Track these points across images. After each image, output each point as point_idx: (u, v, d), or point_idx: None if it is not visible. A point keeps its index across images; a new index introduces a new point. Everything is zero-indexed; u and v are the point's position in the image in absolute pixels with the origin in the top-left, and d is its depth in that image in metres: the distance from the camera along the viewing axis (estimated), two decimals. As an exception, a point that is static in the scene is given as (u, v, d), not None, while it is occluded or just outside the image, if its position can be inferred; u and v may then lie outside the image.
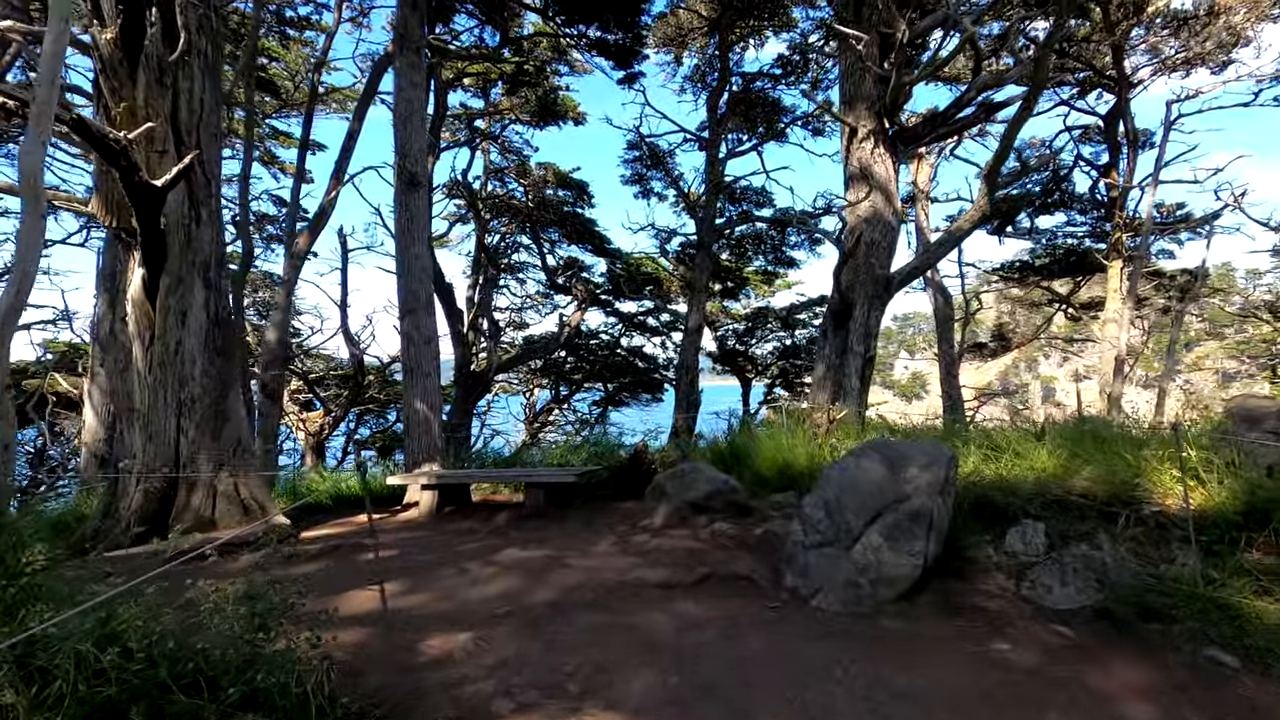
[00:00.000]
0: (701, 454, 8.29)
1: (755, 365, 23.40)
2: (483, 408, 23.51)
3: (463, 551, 5.18)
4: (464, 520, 6.83)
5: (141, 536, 6.33)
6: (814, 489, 4.65)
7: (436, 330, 8.60)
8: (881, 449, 4.56)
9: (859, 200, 7.72)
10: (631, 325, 24.84)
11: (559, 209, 21.14)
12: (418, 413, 8.24)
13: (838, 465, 4.65)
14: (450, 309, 15.19)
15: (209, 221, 6.65)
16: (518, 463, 8.72)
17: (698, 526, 5.39)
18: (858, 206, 7.67)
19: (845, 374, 7.95)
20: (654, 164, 18.42)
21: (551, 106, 20.42)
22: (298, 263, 10.28)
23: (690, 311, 15.87)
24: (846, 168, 8.30)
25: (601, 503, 7.61)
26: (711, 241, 15.97)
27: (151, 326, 6.49)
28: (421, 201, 8.51)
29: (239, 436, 6.83)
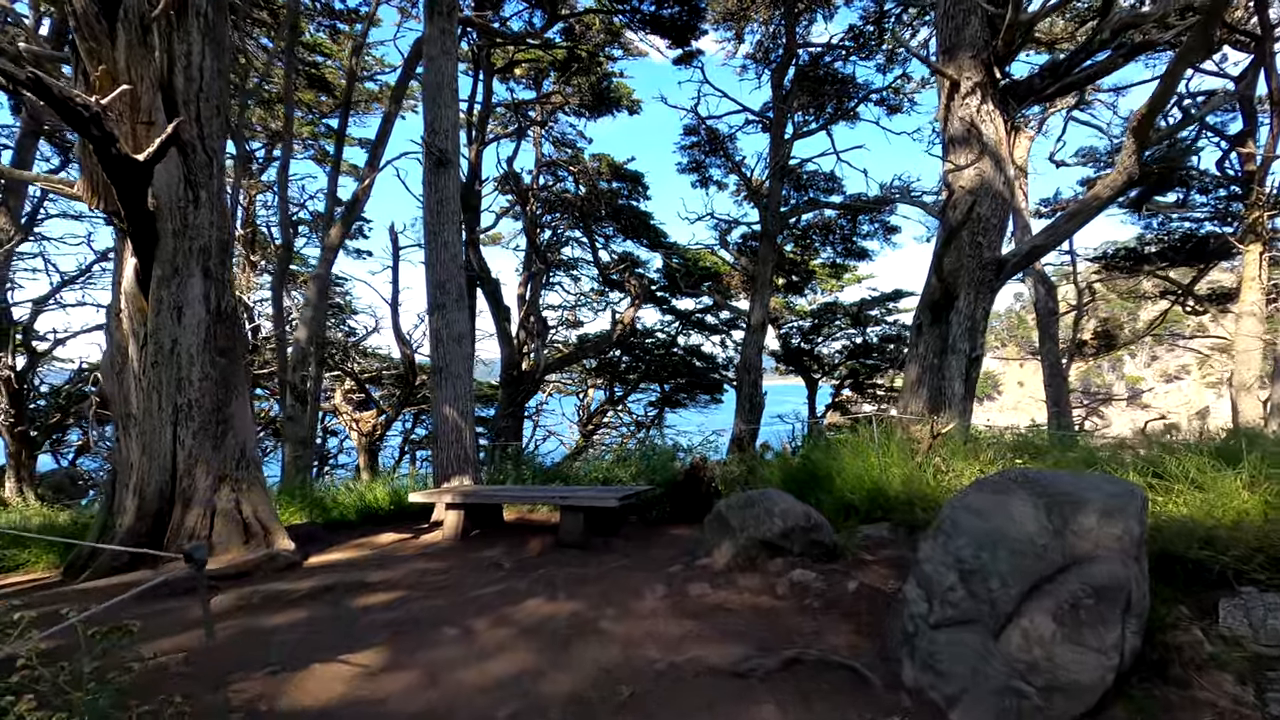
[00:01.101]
0: (769, 468, 7.08)
1: (822, 365, 21.86)
2: (533, 408, 22.84)
3: (476, 599, 4.16)
4: (490, 547, 5.85)
5: (134, 560, 5.60)
6: (933, 535, 3.41)
7: (469, 327, 7.68)
8: (1031, 483, 3.28)
9: (964, 167, 6.35)
10: (689, 323, 23.69)
11: (613, 202, 20.19)
12: (446, 419, 7.33)
13: (966, 504, 3.39)
14: (496, 305, 14.40)
15: (209, 204, 5.88)
16: (559, 477, 7.72)
17: (771, 573, 4.21)
18: (961, 175, 6.30)
19: (945, 378, 6.59)
20: (713, 150, 17.20)
21: (605, 94, 19.48)
22: (330, 255, 9.62)
23: (753, 307, 14.59)
24: (946, 130, 6.93)
25: (651, 528, 6.52)
26: (776, 231, 14.65)
27: (146, 323, 5.77)
28: (452, 183, 7.61)
29: (243, 447, 6.05)
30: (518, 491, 6.21)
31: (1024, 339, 56.50)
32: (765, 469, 7.04)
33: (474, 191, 16.29)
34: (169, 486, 5.78)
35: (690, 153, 17.62)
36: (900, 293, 19.49)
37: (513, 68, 18.87)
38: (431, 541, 6.33)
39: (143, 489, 5.77)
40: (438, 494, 6.40)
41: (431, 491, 6.53)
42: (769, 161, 14.43)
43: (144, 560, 5.61)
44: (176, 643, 3.56)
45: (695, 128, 16.95)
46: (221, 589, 4.68)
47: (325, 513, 7.90)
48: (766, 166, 14.82)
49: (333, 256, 9.78)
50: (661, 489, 7.06)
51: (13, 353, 17.19)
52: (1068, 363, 14.61)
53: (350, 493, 8.00)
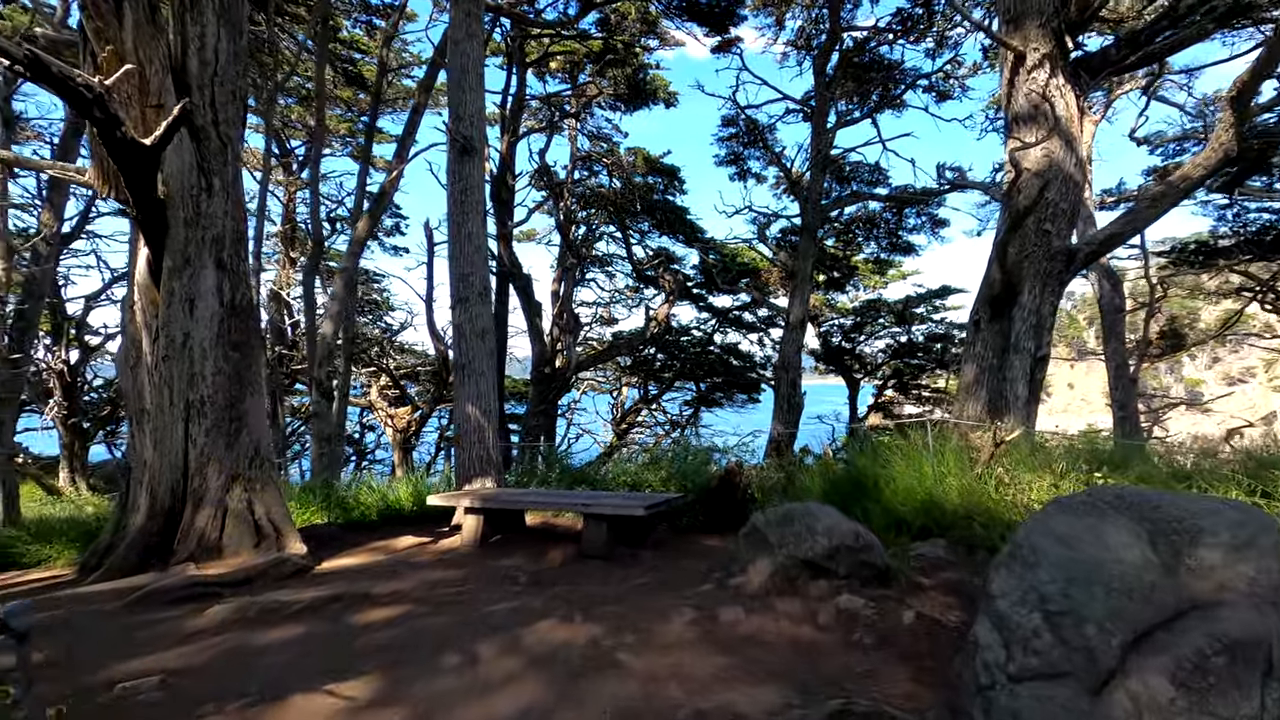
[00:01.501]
0: (809, 475, 6.57)
1: (864, 364, 21.06)
2: (566, 406, 22.56)
3: (487, 617, 3.79)
4: (509, 556, 5.50)
5: (144, 560, 5.41)
6: (1007, 563, 2.91)
7: (493, 322, 7.35)
8: (1130, 506, 2.75)
9: (1031, 145, 5.73)
10: (726, 320, 23.14)
11: (648, 197, 19.77)
12: (469, 418, 7.01)
13: (1048, 528, 2.87)
14: (528, 301, 14.12)
15: (223, 192, 5.66)
16: (585, 480, 7.34)
17: (813, 598, 3.74)
18: (1028, 154, 5.69)
19: (1007, 379, 5.99)
20: (751, 141, 16.63)
21: (641, 87, 19.07)
22: (357, 249, 9.43)
23: (792, 304, 14.01)
24: (1009, 108, 6.31)
25: (682, 537, 6.09)
26: (817, 224, 14.03)
27: (158, 315, 5.57)
28: (476, 171, 7.29)
29: (257, 445, 5.81)
30: (539, 496, 5.85)
31: (1074, 338, 54.18)
32: (805, 476, 6.54)
33: (506, 185, 16.05)
34: (181, 485, 5.58)
35: (728, 144, 17.08)
36: (948, 289, 18.62)
37: (547, 61, 18.60)
38: (449, 547, 6.01)
39: (154, 487, 5.58)
40: (457, 497, 6.08)
41: (451, 494, 6.21)
42: (810, 152, 13.82)
43: (155, 560, 5.42)
44: (159, 661, 3.27)
45: (733, 118, 16.41)
46: (224, 596, 4.42)
47: (346, 513, 7.67)
48: (807, 158, 14.20)
49: (360, 250, 9.60)
50: (693, 495, 6.62)
51: (66, 347, 17.65)
52: (1136, 364, 13.63)
53: (373, 492, 7.76)
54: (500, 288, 14.96)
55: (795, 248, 15.92)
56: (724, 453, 8.26)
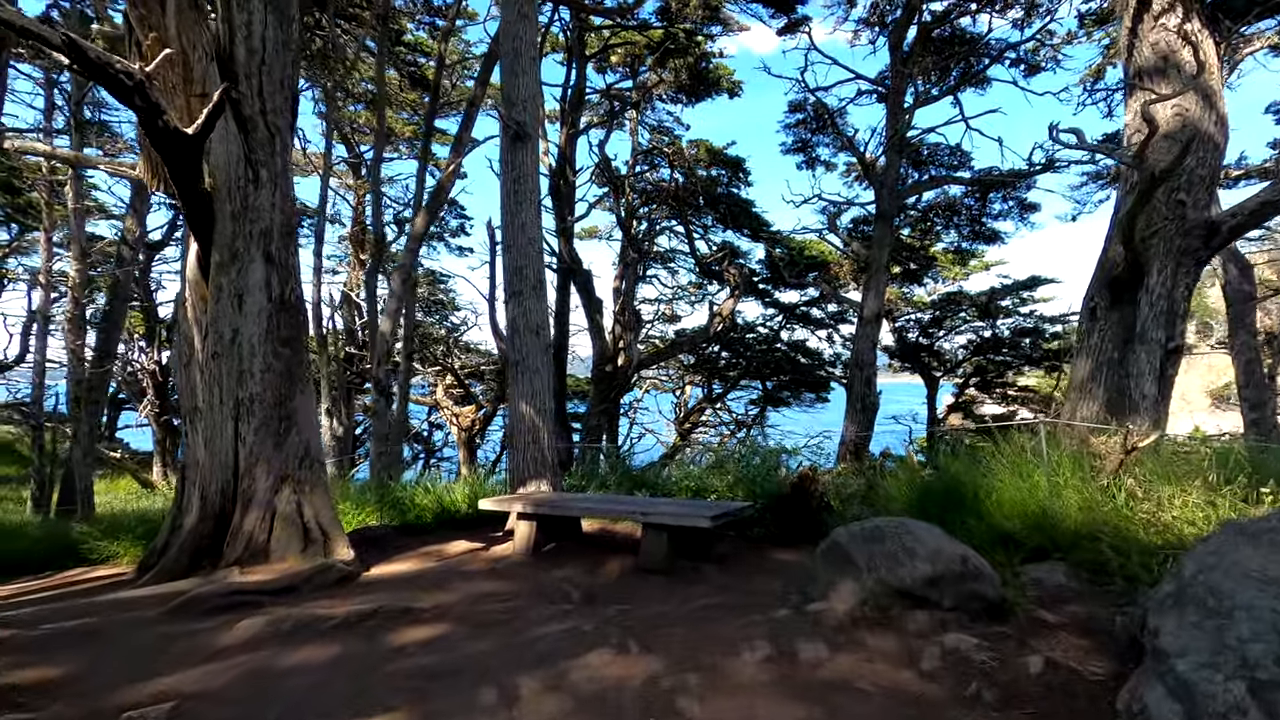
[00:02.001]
0: (893, 481, 5.90)
1: (942, 362, 19.81)
2: (629, 405, 22.21)
3: (532, 642, 3.38)
4: (562, 566, 5.09)
5: (195, 561, 5.29)
6: (1175, 607, 2.27)
7: (548, 318, 7.00)
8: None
9: (1166, 98, 4.89)
10: (793, 317, 22.29)
11: (711, 190, 19.17)
12: (523, 418, 6.67)
13: (1240, 566, 2.22)
14: (588, 298, 13.80)
15: (270, 183, 5.48)
16: (645, 484, 6.88)
17: (912, 635, 3.15)
18: (1158, 111, 4.85)
19: (1131, 374, 5.16)
20: (820, 127, 15.81)
21: (703, 76, 18.49)
22: (414, 245, 9.29)
23: (866, 297, 13.15)
24: (1132, 61, 5.46)
25: (751, 549, 5.54)
26: (893, 211, 13.12)
27: (207, 311, 5.45)
28: (530, 159, 6.94)
29: (306, 445, 5.62)
30: (594, 503, 5.42)
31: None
32: (889, 484, 5.87)
33: (566, 180, 15.81)
34: (231, 485, 5.44)
35: (795, 131, 16.31)
36: (1038, 279, 17.23)
37: (607, 54, 18.27)
38: (502, 555, 5.66)
39: (205, 488, 5.46)
40: (509, 501, 5.73)
41: (503, 498, 5.87)
42: (885, 134, 12.92)
43: (206, 562, 5.30)
44: (179, 681, 3.00)
45: (801, 103, 15.63)
46: (263, 605, 4.18)
47: (402, 514, 7.48)
48: (882, 141, 13.30)
49: (417, 246, 9.47)
50: (763, 503, 6.06)
51: (158, 348, 18.58)
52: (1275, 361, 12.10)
53: (429, 494, 7.53)
54: (561, 284, 14.71)
55: (868, 238, 15.01)
56: (792, 453, 7.64)
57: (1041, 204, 15.39)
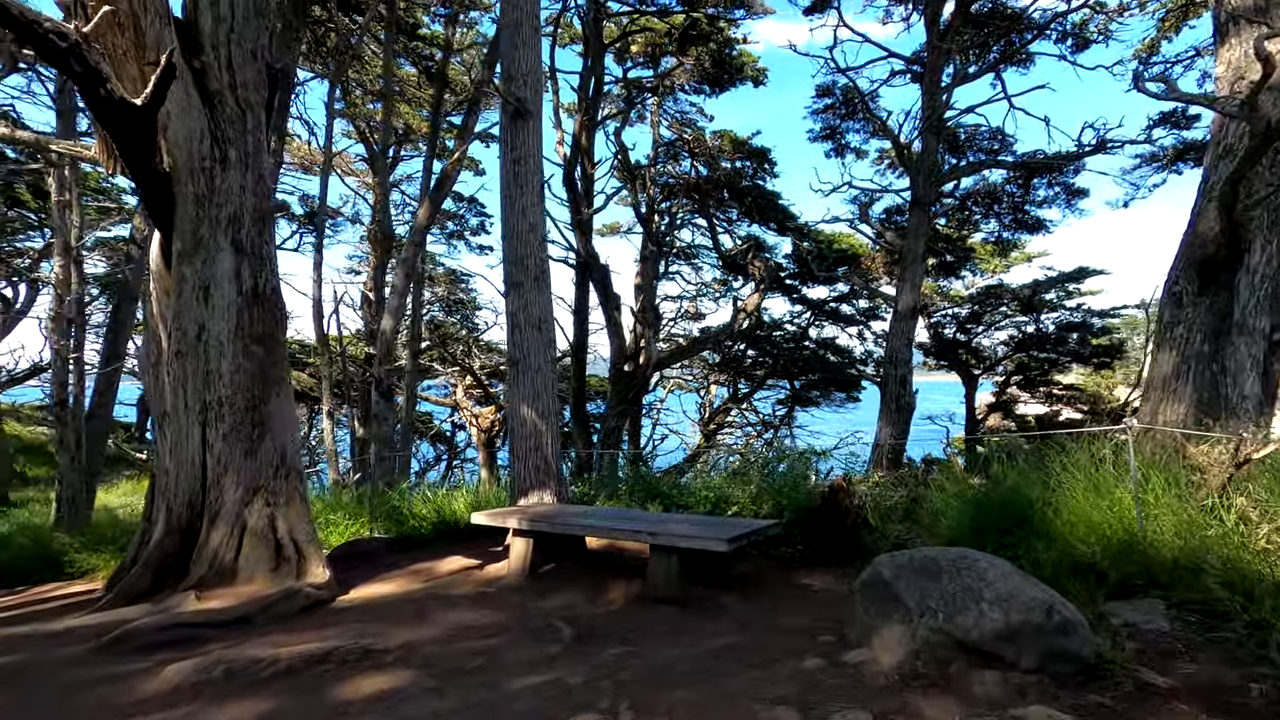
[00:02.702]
0: (940, 493, 5.16)
1: (980, 359, 18.77)
2: (650, 405, 21.55)
3: (506, 697, 2.77)
4: (560, 591, 4.48)
5: (160, 579, 4.80)
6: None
7: (551, 311, 6.39)
8: None
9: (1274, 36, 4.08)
10: (822, 313, 21.42)
11: (736, 182, 18.44)
12: (524, 421, 6.07)
13: None
14: (605, 293, 13.18)
15: (240, 164, 4.96)
16: (659, 494, 6.23)
17: (982, 704, 2.46)
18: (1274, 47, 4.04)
19: (1228, 370, 4.38)
20: (850, 111, 14.97)
21: (727, 64, 17.79)
22: (418, 238, 8.78)
23: (901, 290, 12.32)
24: (1223, 2, 4.64)
25: (777, 571, 4.86)
26: (929, 198, 12.27)
27: (170, 305, 4.96)
28: (532, 138, 6.34)
29: (283, 452, 5.09)
30: (598, 519, 4.78)
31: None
32: (936, 496, 5.13)
33: (583, 174, 15.23)
34: (199, 497, 4.93)
35: (823, 117, 15.50)
36: (1085, 271, 16.15)
37: (627, 45, 17.66)
38: (495, 576, 5.07)
39: (171, 500, 4.96)
40: (505, 515, 5.13)
41: (498, 512, 5.27)
42: (921, 115, 12.07)
43: (171, 581, 4.80)
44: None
45: (829, 87, 14.81)
46: (208, 641, 3.63)
47: (400, 525, 6.94)
48: (917, 124, 12.45)
49: (420, 239, 8.95)
50: (791, 515, 5.39)
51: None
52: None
53: (429, 503, 6.98)
54: (579, 280, 14.14)
55: (903, 228, 14.15)
56: (822, 455, 6.93)
57: (1090, 189, 14.33)
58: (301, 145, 18.95)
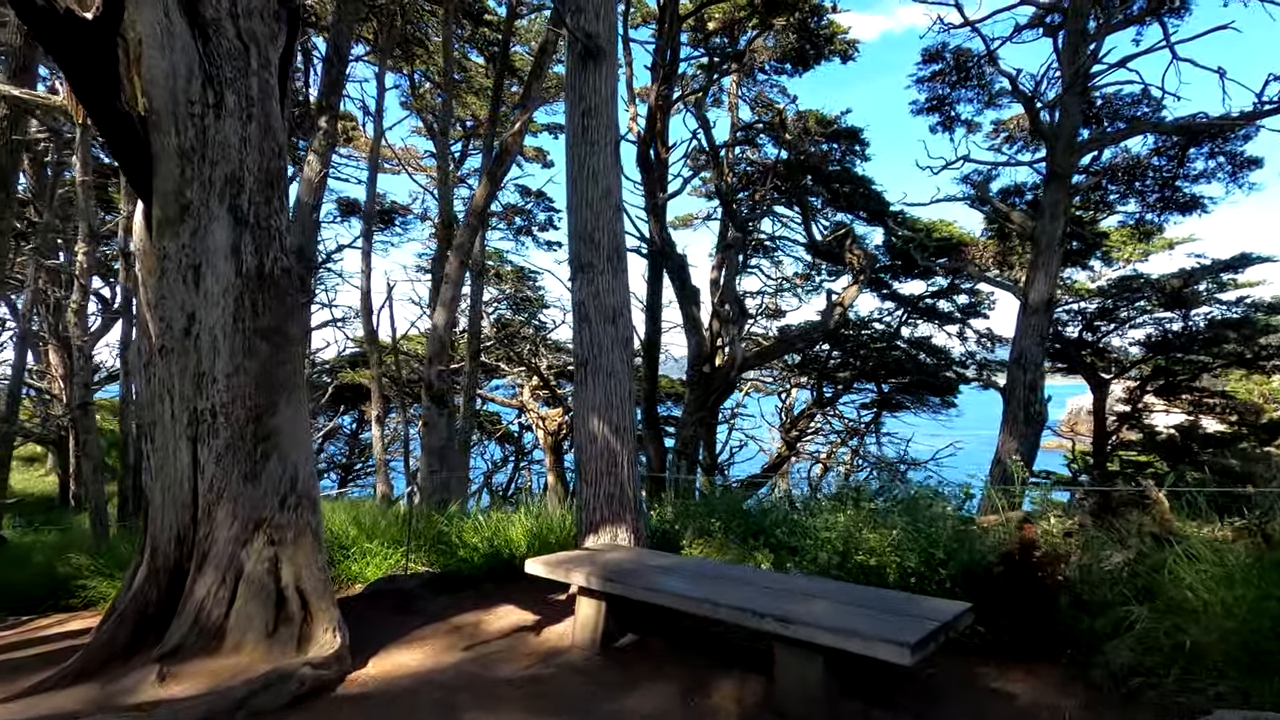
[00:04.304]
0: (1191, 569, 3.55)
1: (1109, 360, 16.36)
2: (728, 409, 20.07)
3: None
4: (643, 685, 3.19)
5: (139, 635, 3.79)
6: None
7: (628, 301, 5.11)
8: None
9: None
10: (916, 310, 19.42)
11: (822, 166, 16.76)
12: (594, 438, 4.81)
13: None
14: (682, 286, 11.85)
15: (240, 112, 3.90)
16: (766, 531, 4.84)
17: None
18: None
19: None
20: (963, 77, 13.09)
21: (814, 36, 16.16)
22: (474, 221, 7.73)
23: (1032, 279, 10.45)
24: None
25: (951, 664, 3.39)
26: (1070, 170, 10.34)
27: (153, 290, 3.95)
28: (605, 84, 5.08)
29: (293, 476, 4.01)
30: (692, 582, 3.43)
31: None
32: (1184, 570, 3.52)
33: (657, 158, 13.95)
34: (189, 531, 3.91)
35: (930, 86, 13.64)
36: (1248, 258, 13.62)
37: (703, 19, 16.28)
38: (556, 647, 3.82)
39: (156, 535, 3.95)
40: (567, 565, 3.86)
41: (559, 560, 4.02)
42: (1063, 72, 10.15)
43: (153, 637, 3.79)
44: None
45: (938, 50, 12.99)
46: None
47: (446, 556, 5.84)
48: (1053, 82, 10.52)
49: (477, 222, 7.90)
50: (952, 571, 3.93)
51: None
52: None
53: (480, 530, 5.84)
54: (652, 272, 12.86)
55: (1035, 207, 12.19)
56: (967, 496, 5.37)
57: (1264, 157, 11.92)
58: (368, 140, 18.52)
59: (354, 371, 21.80)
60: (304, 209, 8.25)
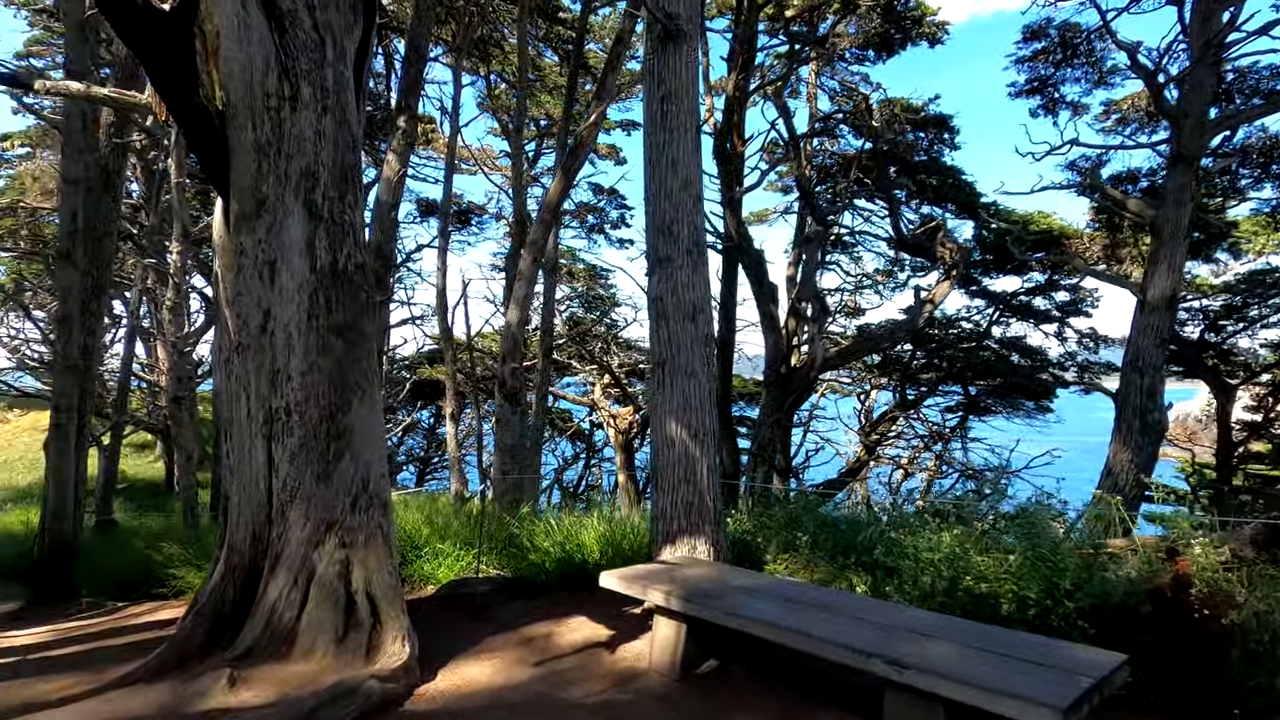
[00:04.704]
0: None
1: (1238, 364, 14.79)
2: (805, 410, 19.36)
3: None
4: (729, 717, 2.87)
5: (215, 634, 3.78)
6: None
7: (709, 297, 4.79)
8: None
9: None
10: (1009, 308, 18.20)
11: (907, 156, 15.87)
12: (672, 443, 4.52)
13: None
14: (759, 283, 11.39)
15: (316, 105, 3.82)
16: (857, 550, 4.42)
17: None
18: None
19: None
20: (1069, 55, 12.03)
21: (900, 19, 15.31)
22: (547, 216, 7.59)
23: (1151, 273, 9.45)
24: None
25: None
26: (1198, 152, 9.28)
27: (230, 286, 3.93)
28: (685, 69, 4.78)
29: (365, 476, 3.91)
30: (782, 609, 3.08)
31: None
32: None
33: (732, 151, 13.52)
34: (265, 530, 3.87)
35: (1031, 67, 12.64)
36: None
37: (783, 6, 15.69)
38: (632, 669, 3.56)
39: (233, 533, 3.94)
40: (644, 581, 3.59)
41: (635, 574, 3.75)
42: (1190, 43, 9.11)
43: (228, 636, 3.76)
44: None
45: (1040, 27, 12.01)
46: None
47: (518, 558, 5.68)
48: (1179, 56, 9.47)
49: (551, 217, 7.75)
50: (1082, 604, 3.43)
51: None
52: None
53: (551, 535, 5.65)
54: (726, 268, 12.45)
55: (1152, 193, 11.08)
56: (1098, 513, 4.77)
57: None
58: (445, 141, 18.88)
59: (431, 368, 22.40)
60: (383, 208, 8.33)
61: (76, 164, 6.68)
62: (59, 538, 7.02)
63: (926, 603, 3.90)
